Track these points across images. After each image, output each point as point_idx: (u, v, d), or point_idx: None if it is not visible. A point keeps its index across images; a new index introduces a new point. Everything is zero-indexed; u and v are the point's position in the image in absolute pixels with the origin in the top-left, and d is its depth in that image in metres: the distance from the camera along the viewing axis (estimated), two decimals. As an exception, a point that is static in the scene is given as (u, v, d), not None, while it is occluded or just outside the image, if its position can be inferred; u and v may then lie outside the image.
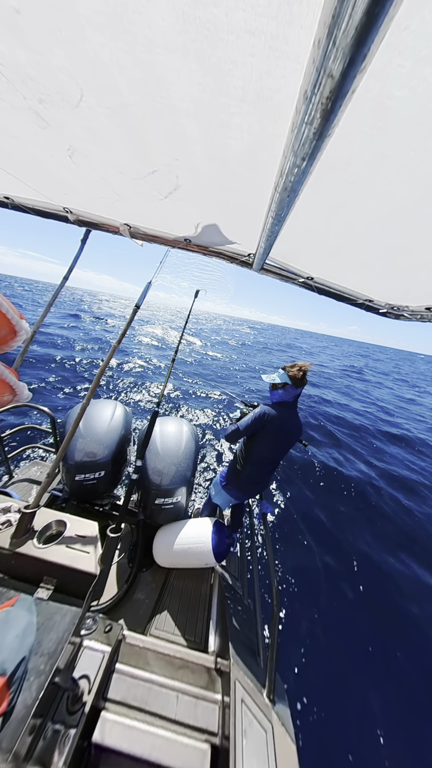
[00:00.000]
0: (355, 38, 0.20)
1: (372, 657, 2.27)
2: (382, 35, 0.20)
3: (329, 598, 2.65)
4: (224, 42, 0.34)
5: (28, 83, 0.51)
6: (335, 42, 0.21)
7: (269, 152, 0.50)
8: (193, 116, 0.48)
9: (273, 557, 1.25)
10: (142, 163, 0.68)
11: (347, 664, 2.18)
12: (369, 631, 2.46)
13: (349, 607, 2.62)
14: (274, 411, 1.35)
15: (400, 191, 0.50)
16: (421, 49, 0.29)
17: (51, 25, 0.39)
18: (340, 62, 0.22)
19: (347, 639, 2.36)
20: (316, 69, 0.23)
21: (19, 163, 0.89)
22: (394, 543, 3.55)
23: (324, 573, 2.87)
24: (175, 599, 1.45)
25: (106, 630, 0.99)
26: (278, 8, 0.29)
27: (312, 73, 0.24)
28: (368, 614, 2.60)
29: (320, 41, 0.21)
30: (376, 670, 2.19)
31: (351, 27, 0.19)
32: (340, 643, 2.31)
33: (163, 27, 0.35)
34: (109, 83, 0.46)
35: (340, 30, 0.20)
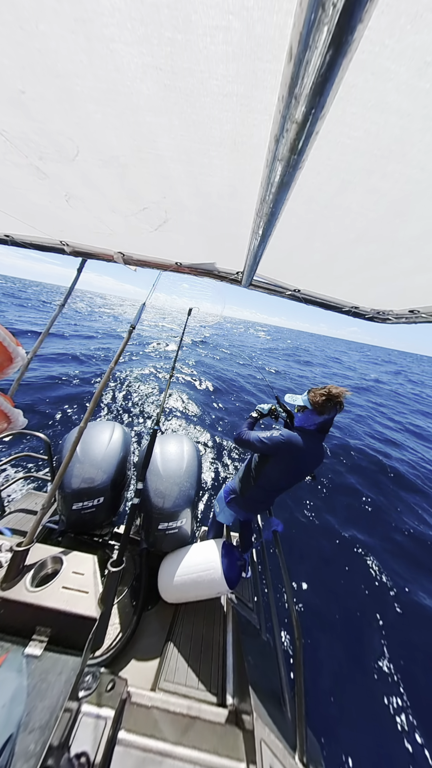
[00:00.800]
0: (312, 93, 0.24)
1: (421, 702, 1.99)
2: (335, 91, 0.24)
3: (362, 622, 2.40)
4: (201, 103, 0.40)
5: (29, 145, 0.57)
6: (296, 98, 0.24)
7: (247, 185, 0.56)
8: (177, 161, 0.54)
9: (290, 582, 1.14)
10: (133, 203, 0.75)
11: (387, 708, 1.91)
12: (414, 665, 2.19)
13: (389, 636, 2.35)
14: (295, 438, 1.17)
15: (368, 211, 0.55)
16: (368, 100, 0.34)
17: (51, 99, 0.45)
18: (302, 112, 0.25)
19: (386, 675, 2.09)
20: (282, 117, 0.27)
21: (19, 207, 0.97)
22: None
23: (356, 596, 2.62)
24: (186, 641, 1.30)
25: (107, 689, 0.86)
26: (245, 76, 0.35)
27: (279, 120, 0.28)
28: (406, 645, 2.33)
29: (283, 97, 0.25)
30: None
31: (307, 86, 0.23)
32: (377, 680, 2.04)
33: (147, 95, 0.41)
34: (102, 140, 0.53)
35: (298, 89, 0.23)
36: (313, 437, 1.20)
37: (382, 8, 0.24)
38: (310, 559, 2.96)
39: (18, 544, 0.93)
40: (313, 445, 1.19)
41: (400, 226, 0.57)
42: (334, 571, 2.90)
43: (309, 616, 2.35)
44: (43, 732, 0.60)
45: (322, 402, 1.12)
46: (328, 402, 1.11)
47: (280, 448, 1.21)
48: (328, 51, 0.20)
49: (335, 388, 1.13)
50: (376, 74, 0.31)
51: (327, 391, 1.12)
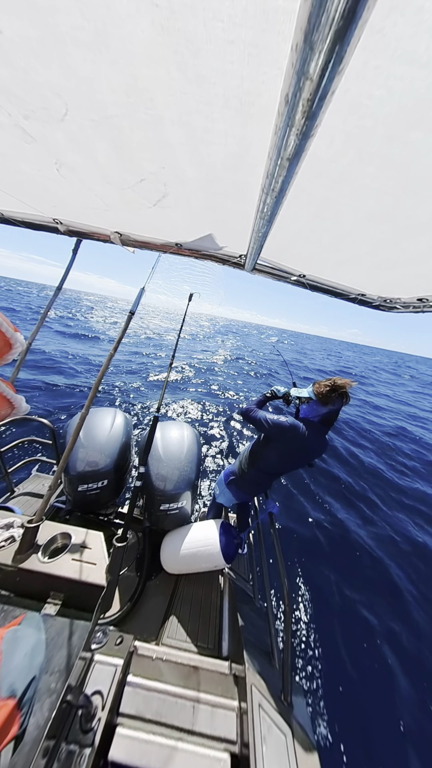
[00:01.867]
0: (332, 41, 0.20)
1: (396, 649, 2.24)
2: (357, 38, 0.21)
3: (343, 593, 2.63)
4: (204, 52, 0.35)
5: (12, 100, 0.51)
6: (312, 46, 0.21)
7: (254, 155, 0.51)
8: (177, 125, 0.49)
9: (282, 557, 1.24)
10: (130, 173, 0.69)
11: (365, 659, 2.16)
12: (391, 619, 2.42)
13: (363, 602, 2.59)
14: (298, 427, 1.18)
15: (384, 187, 0.51)
16: (395, 49, 0.30)
17: (32, 42, 0.39)
18: (319, 65, 0.22)
19: (363, 632, 2.34)
20: (296, 72, 0.24)
21: (6, 177, 0.89)
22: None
23: (336, 570, 2.85)
24: (186, 606, 1.43)
25: (117, 643, 0.97)
26: (254, 17, 0.30)
27: (292, 76, 0.25)
28: (386, 602, 2.56)
29: (297, 45, 0.22)
30: (398, 661, 2.16)
31: (327, 31, 0.20)
32: (355, 636, 2.29)
33: (143, 40, 0.36)
34: (93, 97, 0.47)
35: (316, 34, 0.20)
36: (317, 428, 1.20)
37: None
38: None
39: (29, 521, 0.99)
40: (316, 436, 1.21)
41: (418, 205, 0.53)
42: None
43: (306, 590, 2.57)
44: (62, 674, 0.68)
45: (326, 393, 1.12)
46: (332, 393, 1.11)
47: (282, 433, 1.23)
48: None
49: (340, 379, 1.13)
50: (408, 16, 0.26)
51: (332, 383, 1.12)
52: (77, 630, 0.78)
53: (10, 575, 0.89)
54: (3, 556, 0.92)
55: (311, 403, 1.21)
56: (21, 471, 2.23)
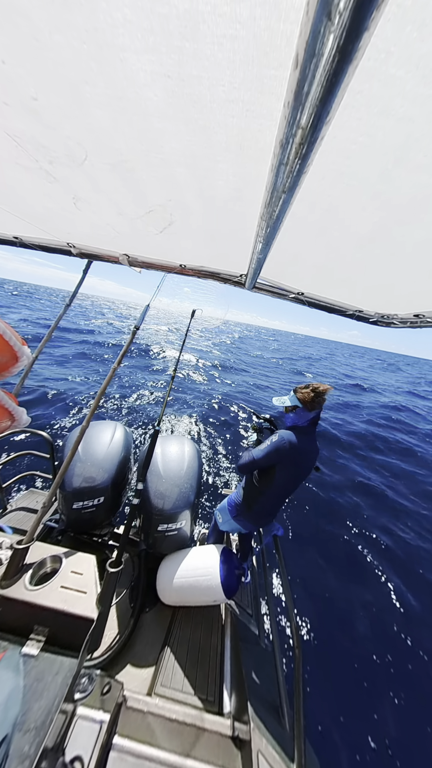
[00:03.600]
0: (318, 101, 0.24)
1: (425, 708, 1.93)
2: (341, 98, 0.24)
3: (362, 634, 2.34)
4: (208, 109, 0.41)
5: (40, 150, 0.59)
6: (302, 104, 0.25)
7: (253, 189, 0.57)
8: (183, 165, 0.55)
9: (290, 589, 1.13)
10: (139, 206, 0.76)
11: (390, 716, 1.86)
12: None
13: (390, 641, 2.30)
14: (291, 438, 1.23)
15: (373, 216, 0.55)
16: (373, 106, 0.34)
17: (62, 105, 0.46)
18: (308, 118, 0.26)
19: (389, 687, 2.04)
20: (288, 123, 0.27)
21: (28, 210, 0.99)
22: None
23: (354, 602, 2.57)
24: (183, 645, 1.28)
25: (104, 691, 0.86)
26: (251, 82, 0.35)
27: (285, 126, 0.28)
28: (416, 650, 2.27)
29: (289, 103, 0.26)
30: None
31: (314, 93, 0.23)
32: (381, 691, 1.99)
33: (155, 102, 0.42)
34: (110, 145, 0.54)
35: (304, 96, 0.24)
36: (307, 432, 1.26)
37: (388, 16, 0.24)
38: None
39: (18, 542, 0.93)
40: (309, 440, 1.26)
41: (406, 231, 0.56)
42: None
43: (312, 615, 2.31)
44: (39, 733, 0.59)
45: (311, 399, 1.21)
46: (317, 398, 1.21)
47: (280, 451, 1.23)
48: (334, 59, 0.20)
49: (320, 385, 1.23)
50: (382, 81, 0.31)
51: (314, 389, 1.22)
52: (60, 673, 0.69)
53: None
54: None
55: (298, 410, 1.26)
56: (16, 485, 2.15)
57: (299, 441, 1.23)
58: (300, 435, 1.24)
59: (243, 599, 1.71)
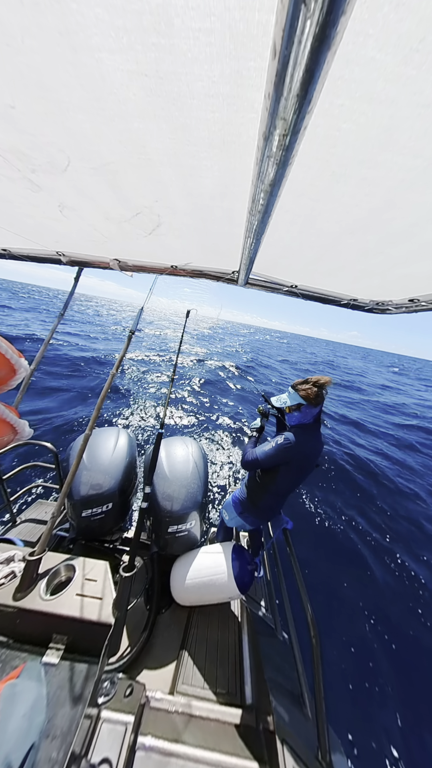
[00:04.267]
0: (299, 89, 0.23)
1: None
2: (321, 84, 0.24)
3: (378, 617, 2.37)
4: (188, 106, 0.40)
5: (21, 158, 0.58)
6: (283, 93, 0.24)
7: (239, 183, 0.56)
8: (167, 165, 0.55)
9: (302, 579, 1.13)
10: (126, 209, 0.75)
11: (407, 697, 1.88)
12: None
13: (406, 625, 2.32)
14: (297, 438, 1.18)
15: (361, 203, 0.55)
16: (355, 90, 0.34)
17: (40, 111, 0.46)
18: (290, 108, 0.25)
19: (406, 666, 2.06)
20: (270, 115, 0.27)
21: (15, 221, 0.98)
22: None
23: (367, 590, 2.60)
24: (201, 643, 1.30)
25: (126, 694, 0.86)
26: (230, 76, 0.35)
27: (267, 118, 0.28)
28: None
29: (270, 94, 0.25)
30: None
31: (294, 82, 0.23)
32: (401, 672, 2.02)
33: (135, 102, 0.41)
34: (92, 149, 0.53)
35: (285, 85, 0.23)
36: (312, 429, 1.23)
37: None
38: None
39: (30, 553, 0.93)
40: (315, 437, 1.23)
41: (396, 215, 0.56)
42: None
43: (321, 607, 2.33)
44: (65, 739, 0.60)
45: (315, 394, 1.16)
46: (320, 392, 1.17)
47: (286, 453, 1.20)
48: (312, 45, 0.20)
49: (320, 378, 1.18)
50: (362, 65, 0.31)
51: (315, 383, 1.17)
52: (82, 679, 0.70)
53: (9, 618, 0.82)
54: (2, 596, 0.86)
55: (303, 407, 1.21)
56: (23, 497, 2.15)
57: (306, 441, 1.19)
58: (306, 434, 1.20)
59: (257, 594, 1.73)
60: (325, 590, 2.55)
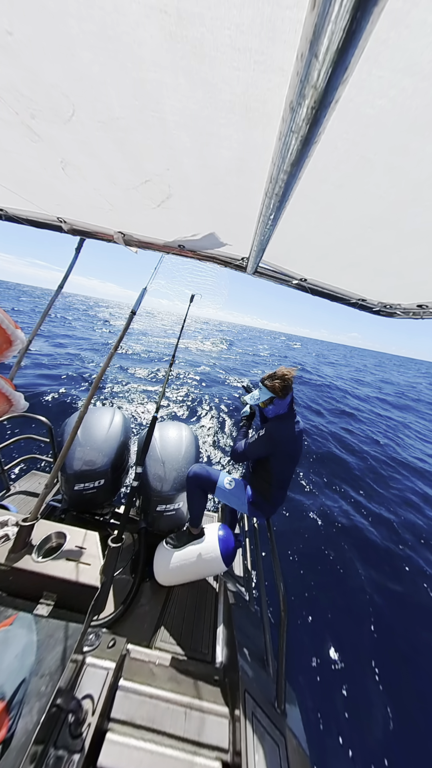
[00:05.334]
0: (337, 52, 0.21)
1: (385, 662, 2.22)
2: (362, 49, 0.21)
3: (340, 595, 2.61)
4: (210, 58, 0.36)
5: (20, 99, 0.52)
6: (317, 55, 0.21)
7: (258, 160, 0.52)
8: (183, 128, 0.50)
9: (278, 560, 1.23)
10: (134, 174, 0.69)
11: (357, 664, 2.14)
12: (385, 633, 2.41)
13: (361, 603, 2.57)
14: (277, 429, 1.26)
15: (386, 194, 0.51)
16: (398, 61, 0.30)
17: (43, 44, 0.40)
18: (323, 74, 0.23)
19: (358, 637, 2.31)
20: (300, 81, 0.24)
21: (12, 175, 0.90)
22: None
23: (338, 569, 2.83)
24: (180, 609, 1.41)
25: (109, 645, 0.96)
26: (261, 26, 0.30)
27: (296, 84, 0.25)
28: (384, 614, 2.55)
29: (303, 55, 0.22)
30: (389, 676, 2.14)
31: (332, 41, 0.20)
32: (350, 640, 2.26)
33: (151, 45, 0.36)
34: (101, 98, 0.47)
35: (321, 44, 0.21)
36: (290, 417, 1.31)
37: None
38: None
39: (24, 519, 0.98)
40: (293, 425, 1.29)
41: (420, 212, 0.53)
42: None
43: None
44: (52, 677, 0.67)
45: (282, 387, 1.25)
46: (285, 383, 1.25)
47: (272, 444, 1.28)
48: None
49: (285, 369, 1.27)
50: (411, 27, 0.27)
51: (282, 375, 1.25)
52: (69, 631, 0.77)
53: (2, 575, 0.87)
54: None
55: (275, 400, 1.28)
56: (17, 468, 2.20)
57: (286, 430, 1.27)
58: (285, 423, 1.28)
59: (234, 569, 1.87)
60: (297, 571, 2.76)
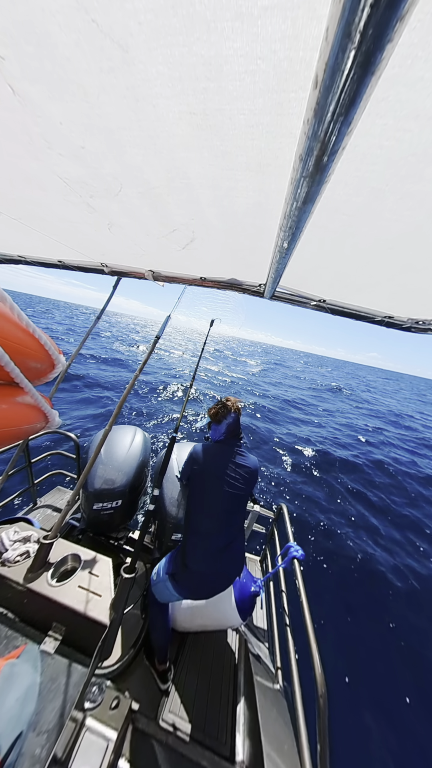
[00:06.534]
0: (338, 115, 0.24)
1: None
2: (363, 108, 0.24)
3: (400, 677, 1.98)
4: (230, 136, 0.44)
5: (84, 187, 0.68)
6: (322, 119, 0.25)
7: (272, 202, 0.58)
8: (206, 187, 0.59)
9: (312, 620, 1.01)
10: (164, 226, 0.83)
11: None
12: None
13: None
14: (198, 448, 1.23)
15: (403, 218, 0.52)
16: (400, 110, 0.33)
17: (104, 150, 0.54)
18: (329, 131, 0.26)
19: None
20: (308, 138, 0.28)
21: (71, 236, 1.14)
22: None
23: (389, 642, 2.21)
24: (193, 670, 1.21)
25: (112, 706, 0.84)
26: (271, 108, 0.37)
27: (304, 141, 0.29)
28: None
29: (308, 120, 0.26)
30: None
31: (334, 109, 0.23)
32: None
33: (182, 136, 0.46)
34: (141, 177, 0.60)
35: (326, 112, 0.24)
36: (225, 443, 1.26)
37: (413, 25, 0.24)
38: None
39: (45, 536, 1.00)
40: (229, 452, 1.22)
41: None
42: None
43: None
44: (50, 737, 0.61)
45: (215, 413, 1.28)
46: (221, 410, 1.26)
47: (192, 463, 1.22)
48: (354, 74, 0.20)
49: (226, 399, 1.31)
50: (409, 85, 0.30)
51: (221, 402, 1.30)
52: (73, 677, 0.71)
53: (18, 596, 0.88)
54: (16, 573, 0.93)
55: (212, 426, 1.30)
56: (46, 482, 2.34)
57: (209, 454, 1.21)
58: (214, 448, 1.24)
59: (257, 627, 1.58)
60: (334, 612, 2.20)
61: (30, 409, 0.87)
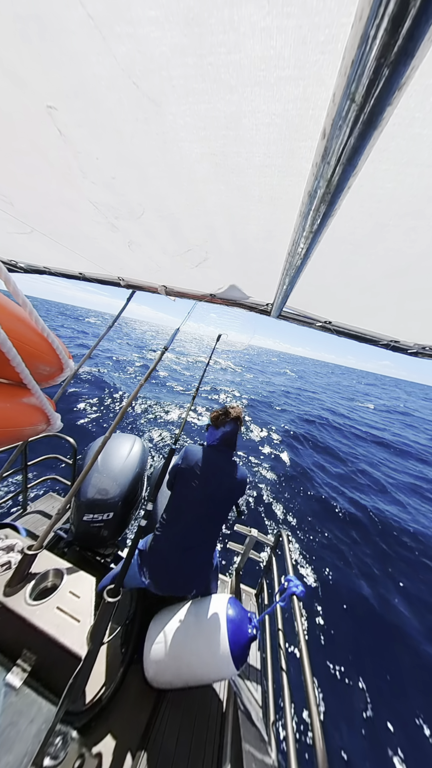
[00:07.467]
0: (344, 161, 0.26)
1: None
2: (366, 156, 0.27)
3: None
4: (245, 173, 0.48)
5: (110, 210, 0.75)
6: (329, 163, 0.28)
7: (282, 230, 0.62)
8: (220, 215, 0.64)
9: (311, 677, 0.87)
10: (180, 246, 0.89)
11: None
12: None
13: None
14: (189, 450, 1.20)
15: (407, 248, 0.54)
16: (400, 158, 0.36)
17: (131, 181, 0.60)
18: (334, 175, 0.29)
19: None
20: (316, 179, 0.31)
21: (94, 252, 1.23)
22: None
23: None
24: (174, 721, 1.07)
25: (75, 765, 0.73)
26: (283, 152, 0.41)
27: (313, 181, 0.32)
28: None
29: (316, 163, 0.29)
30: None
31: (339, 157, 0.26)
32: None
33: (202, 174, 0.51)
34: (163, 203, 0.66)
35: (331, 157, 0.27)
36: (218, 449, 1.24)
37: (410, 93, 0.27)
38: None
39: (29, 547, 0.95)
40: (217, 456, 1.20)
41: None
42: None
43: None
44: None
45: (215, 417, 1.25)
46: (222, 416, 1.24)
47: (177, 463, 1.20)
48: (358, 130, 0.23)
49: (230, 406, 1.28)
50: (408, 140, 0.33)
51: (224, 408, 1.27)
52: (36, 721, 0.63)
53: None
54: None
55: (209, 428, 1.29)
56: (37, 487, 2.28)
57: (200, 455, 1.18)
58: (205, 452, 1.21)
59: (250, 674, 1.40)
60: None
61: (34, 410, 0.88)
